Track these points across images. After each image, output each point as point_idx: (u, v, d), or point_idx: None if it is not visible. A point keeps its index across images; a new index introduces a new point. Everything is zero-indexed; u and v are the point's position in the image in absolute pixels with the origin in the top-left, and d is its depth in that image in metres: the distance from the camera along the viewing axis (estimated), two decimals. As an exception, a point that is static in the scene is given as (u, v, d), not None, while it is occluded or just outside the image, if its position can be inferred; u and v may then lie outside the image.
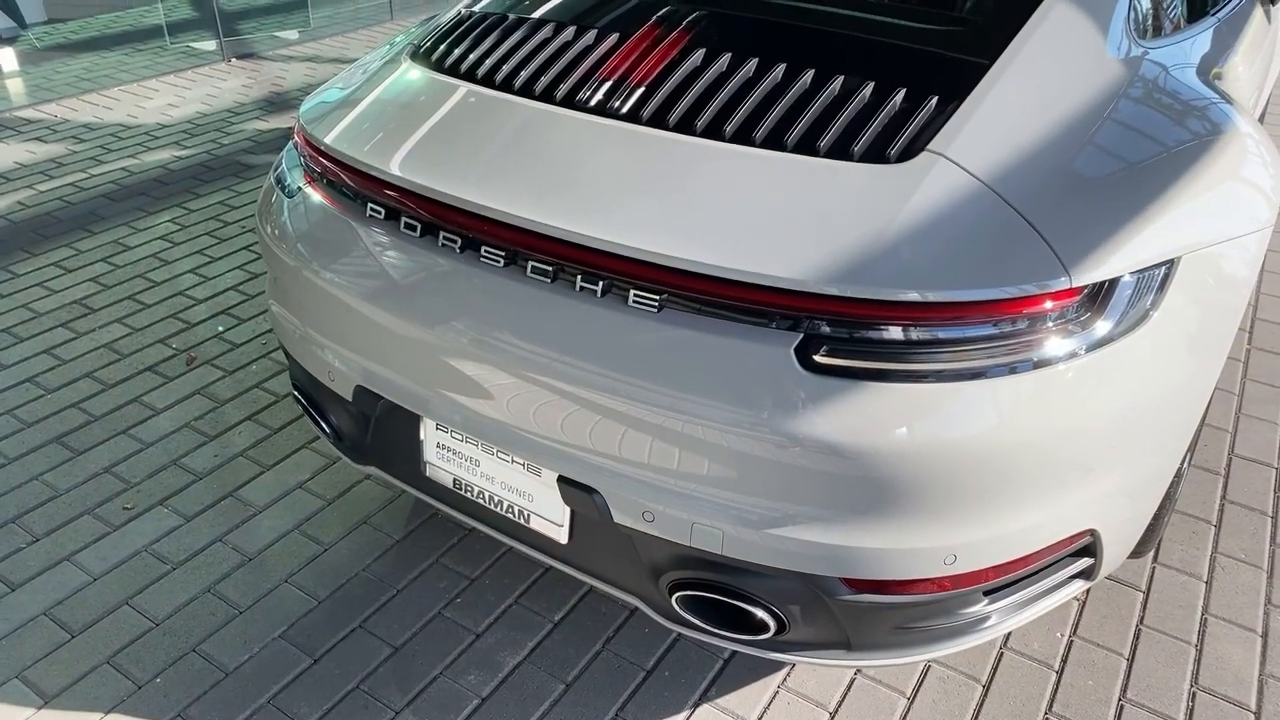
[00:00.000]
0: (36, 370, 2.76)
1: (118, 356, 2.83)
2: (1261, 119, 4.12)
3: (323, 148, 1.73)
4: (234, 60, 5.69)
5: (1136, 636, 1.95)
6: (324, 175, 1.75)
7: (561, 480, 1.51)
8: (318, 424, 1.92)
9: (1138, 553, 1.99)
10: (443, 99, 1.72)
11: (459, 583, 2.05)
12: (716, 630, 1.55)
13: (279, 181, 1.88)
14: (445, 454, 1.68)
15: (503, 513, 1.66)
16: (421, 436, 1.69)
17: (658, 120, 1.54)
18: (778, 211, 1.38)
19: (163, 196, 3.89)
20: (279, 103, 5.00)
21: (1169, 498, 1.89)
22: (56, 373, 2.75)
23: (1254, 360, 2.85)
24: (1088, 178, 1.46)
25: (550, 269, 1.45)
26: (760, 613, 1.48)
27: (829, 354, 1.32)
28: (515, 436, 1.52)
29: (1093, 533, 1.55)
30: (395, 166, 1.59)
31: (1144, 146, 1.57)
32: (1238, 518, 2.25)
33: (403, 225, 1.60)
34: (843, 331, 1.32)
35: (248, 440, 2.48)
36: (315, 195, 1.76)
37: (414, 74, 1.83)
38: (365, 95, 1.82)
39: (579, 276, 1.43)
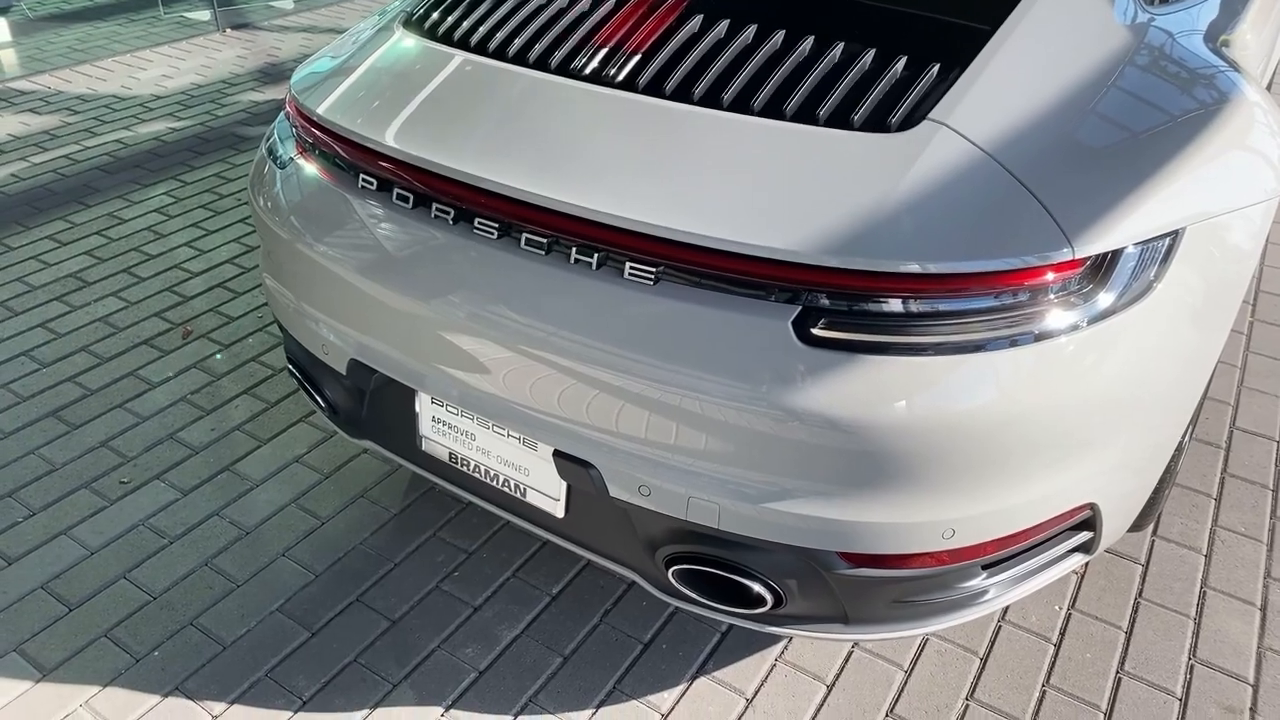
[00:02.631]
0: (32, 344, 2.75)
1: (113, 330, 2.82)
2: (1269, 87, 4.07)
3: (314, 118, 1.70)
4: (229, 30, 5.62)
5: (1135, 610, 1.94)
6: (316, 146, 1.72)
7: (557, 454, 1.50)
8: (313, 398, 1.90)
9: (1137, 526, 1.99)
10: (435, 67, 1.69)
11: (456, 556, 2.05)
12: (713, 604, 1.54)
13: (271, 153, 1.86)
14: (441, 428, 1.66)
15: (499, 487, 1.65)
16: (417, 410, 1.68)
17: (654, 88, 1.52)
18: (776, 182, 1.35)
19: (158, 169, 3.85)
20: (274, 73, 4.94)
21: (1169, 471, 1.88)
22: (52, 347, 2.74)
23: (1257, 333, 2.83)
24: (1092, 147, 1.43)
25: (545, 241, 1.43)
26: (757, 587, 1.47)
27: (827, 327, 1.30)
28: (510, 410, 1.51)
29: (1092, 506, 1.54)
30: (387, 137, 1.57)
31: (1149, 115, 1.54)
32: (1238, 491, 2.24)
33: (395, 197, 1.58)
34: (841, 304, 1.30)
35: (245, 414, 2.47)
36: (307, 166, 1.73)
37: (407, 42, 1.79)
38: (357, 64, 1.79)
39: (574, 249, 1.41)
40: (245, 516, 2.15)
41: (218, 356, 2.27)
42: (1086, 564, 2.04)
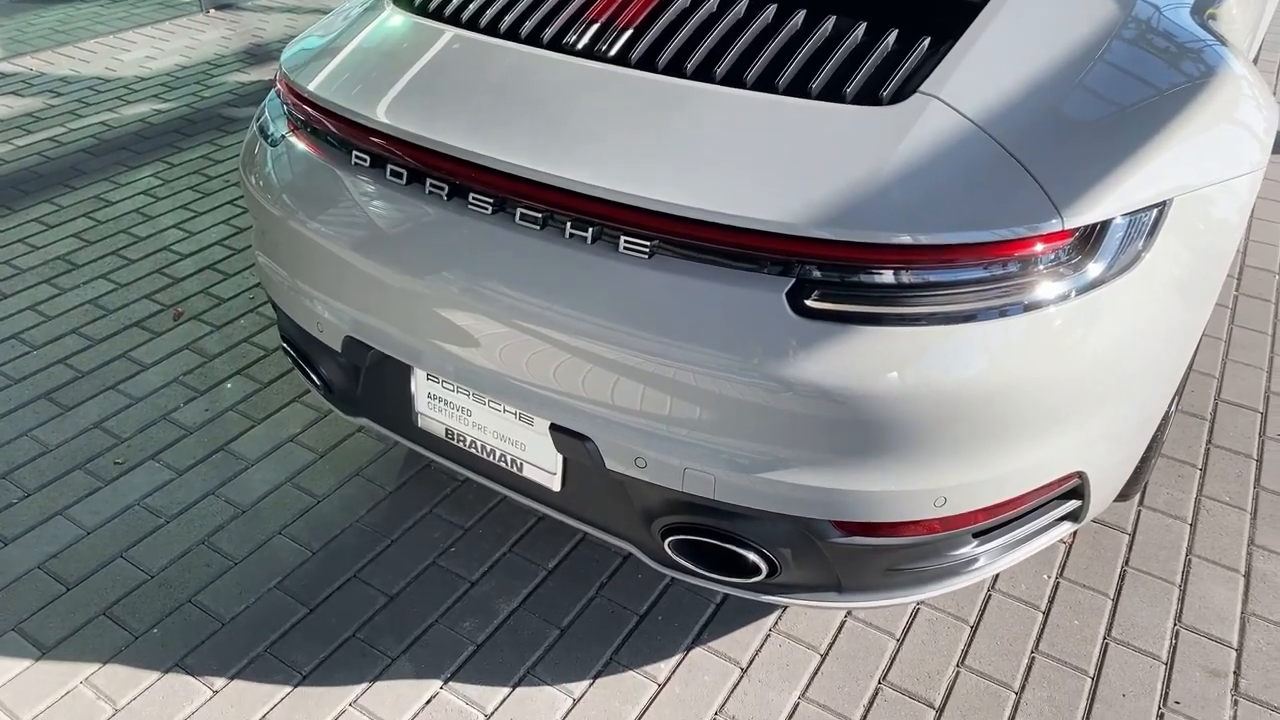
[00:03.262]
0: (22, 327, 2.74)
1: (103, 312, 2.81)
2: (1255, 61, 4.09)
3: (306, 95, 1.70)
4: (212, 11, 5.56)
5: (1122, 578, 1.98)
6: (308, 123, 1.72)
7: (554, 428, 1.51)
8: (307, 376, 1.91)
9: (1124, 496, 2.02)
10: (427, 43, 1.69)
11: (453, 532, 2.07)
12: (709, 574, 1.56)
13: (262, 131, 1.85)
14: (436, 404, 1.68)
15: (495, 462, 1.66)
16: (412, 387, 1.69)
17: (647, 63, 1.52)
18: (769, 154, 1.36)
19: (144, 151, 3.82)
20: (259, 54, 4.90)
21: (1156, 441, 1.91)
22: (42, 329, 2.73)
23: (1242, 306, 2.87)
24: (1081, 119, 1.45)
25: (539, 215, 1.44)
26: (752, 556, 1.49)
27: (821, 298, 1.31)
28: (506, 385, 1.52)
29: (1081, 475, 1.56)
30: (380, 113, 1.57)
31: (1138, 88, 1.55)
32: (1223, 461, 2.28)
33: (388, 173, 1.58)
34: (834, 275, 1.32)
35: (238, 394, 2.48)
36: (299, 144, 1.73)
37: (396, 19, 1.79)
38: (348, 41, 1.79)
39: (568, 223, 1.42)
40: (241, 495, 2.16)
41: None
42: (1075, 533, 2.07)
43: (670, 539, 1.54)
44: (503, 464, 1.66)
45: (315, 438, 2.33)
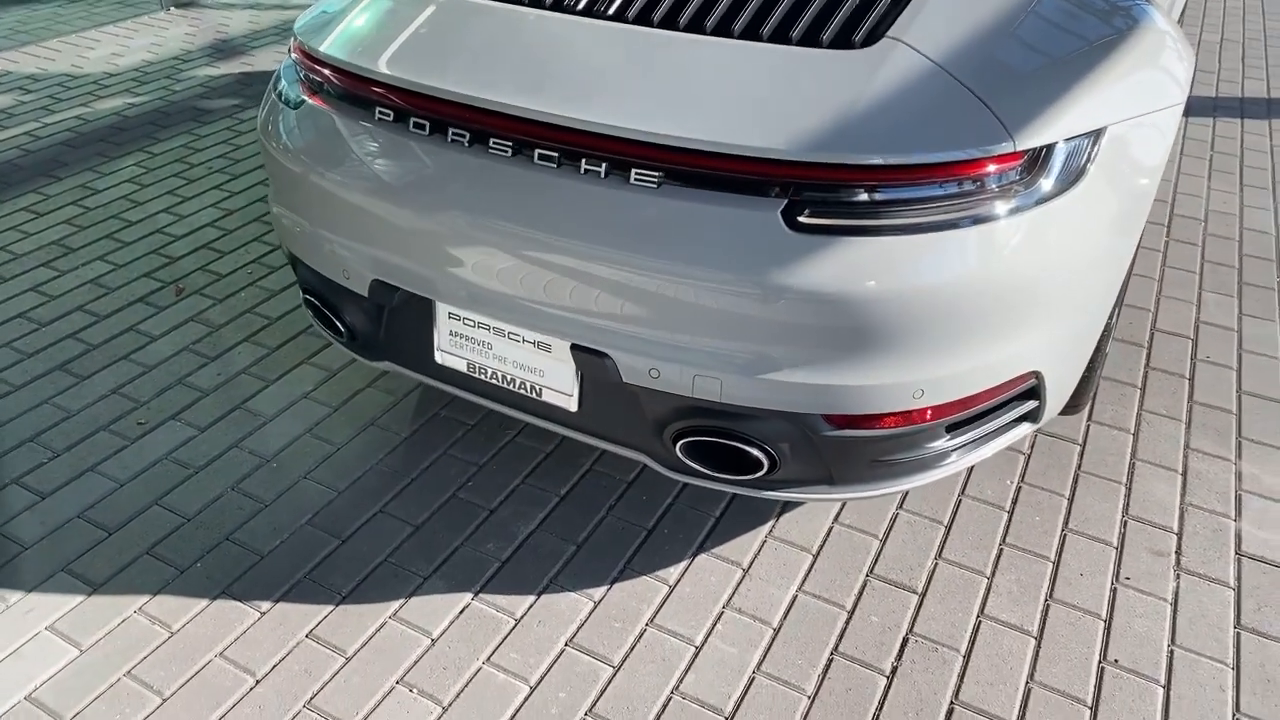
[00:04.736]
0: (26, 306, 2.83)
1: (105, 290, 2.91)
2: (1181, 21, 4.39)
3: (323, 58, 1.84)
4: (173, 9, 5.61)
5: (1075, 480, 2.21)
6: (327, 85, 1.87)
7: (574, 348, 1.68)
8: (331, 326, 2.05)
9: (1074, 408, 2.25)
10: (436, 5, 1.85)
11: (468, 469, 2.23)
12: (717, 474, 1.75)
13: (280, 96, 1.99)
14: (458, 341, 1.84)
15: (515, 390, 1.83)
16: (435, 326, 1.84)
17: (643, 19, 1.70)
18: (760, 94, 1.55)
19: (123, 142, 3.90)
20: (226, 49, 4.98)
21: (1100, 351, 2.14)
22: (47, 308, 2.82)
23: (1171, 250, 3.14)
24: (1028, 59, 1.66)
25: (556, 155, 1.61)
26: (755, 452, 1.68)
27: (810, 215, 1.51)
28: (531, 311, 1.69)
29: (1037, 375, 1.78)
30: (407, 71, 1.72)
31: (1075, 36, 1.77)
32: (1160, 381, 2.53)
33: (411, 125, 1.74)
34: (820, 195, 1.51)
35: (248, 359, 2.60)
36: (320, 105, 1.88)
37: (406, -11, 1.94)
38: (359, 4, 1.94)
39: (583, 160, 1.59)
40: (263, 446, 2.30)
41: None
42: (1033, 443, 2.30)
43: (681, 442, 1.72)
44: (522, 391, 1.82)
45: (328, 393, 2.47)
